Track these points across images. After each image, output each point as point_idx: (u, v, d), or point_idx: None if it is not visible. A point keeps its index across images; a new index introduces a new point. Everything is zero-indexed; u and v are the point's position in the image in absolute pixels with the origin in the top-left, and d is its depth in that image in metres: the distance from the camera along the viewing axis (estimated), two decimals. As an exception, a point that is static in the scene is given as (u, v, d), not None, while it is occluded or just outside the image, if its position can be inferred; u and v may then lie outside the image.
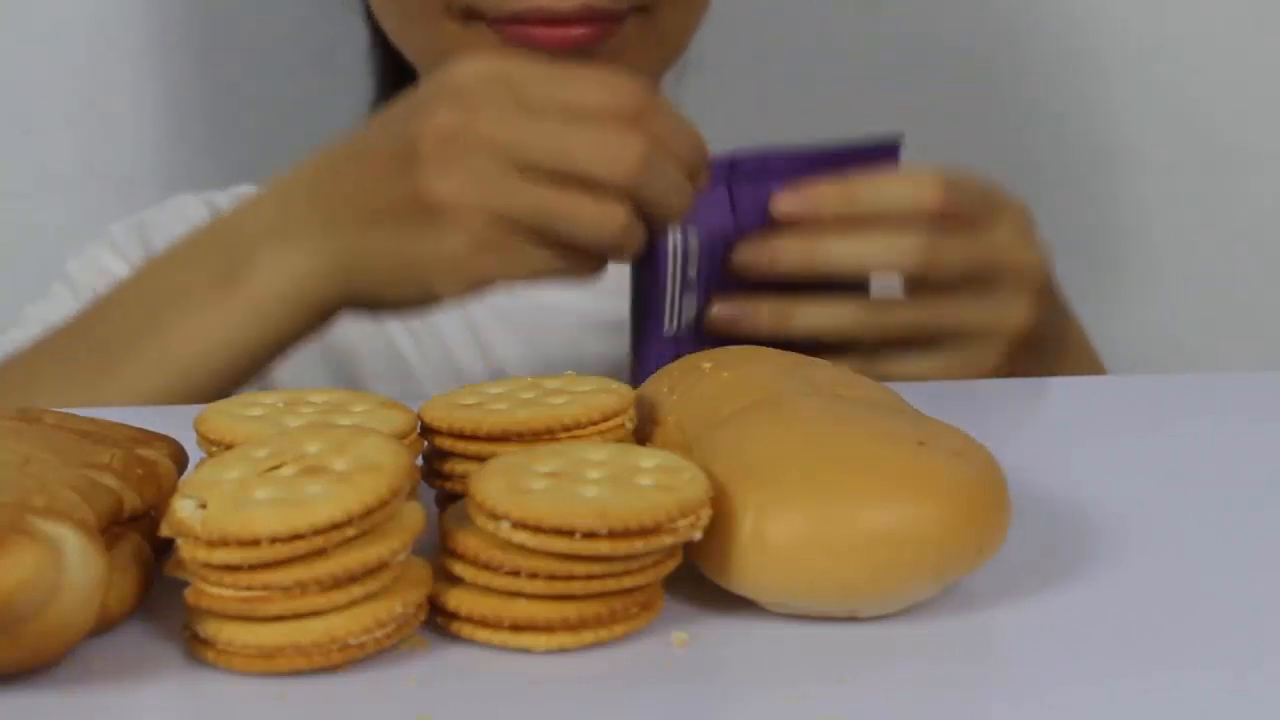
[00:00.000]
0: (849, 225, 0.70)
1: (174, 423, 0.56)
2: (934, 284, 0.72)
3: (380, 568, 0.46)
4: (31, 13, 1.10)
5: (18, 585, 0.43)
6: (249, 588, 0.45)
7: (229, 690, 0.46)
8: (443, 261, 0.66)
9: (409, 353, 0.91)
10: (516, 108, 0.65)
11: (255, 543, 0.45)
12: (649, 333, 0.71)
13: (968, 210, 0.72)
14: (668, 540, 0.47)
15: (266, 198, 0.71)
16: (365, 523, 0.45)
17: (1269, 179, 1.17)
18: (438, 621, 0.48)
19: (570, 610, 0.47)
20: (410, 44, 0.88)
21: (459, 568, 0.48)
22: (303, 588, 0.45)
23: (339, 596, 0.46)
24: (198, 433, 0.53)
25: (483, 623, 0.47)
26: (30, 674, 0.46)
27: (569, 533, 0.46)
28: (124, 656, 0.47)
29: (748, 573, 0.48)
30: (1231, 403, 0.69)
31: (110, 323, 0.72)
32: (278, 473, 0.47)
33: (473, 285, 0.67)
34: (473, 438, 0.52)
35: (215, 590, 0.46)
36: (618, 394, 0.54)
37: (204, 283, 0.69)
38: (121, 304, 0.72)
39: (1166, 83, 1.15)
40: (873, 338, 0.72)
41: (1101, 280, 0.81)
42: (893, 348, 0.73)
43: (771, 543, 0.48)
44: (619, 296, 0.73)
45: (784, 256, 0.70)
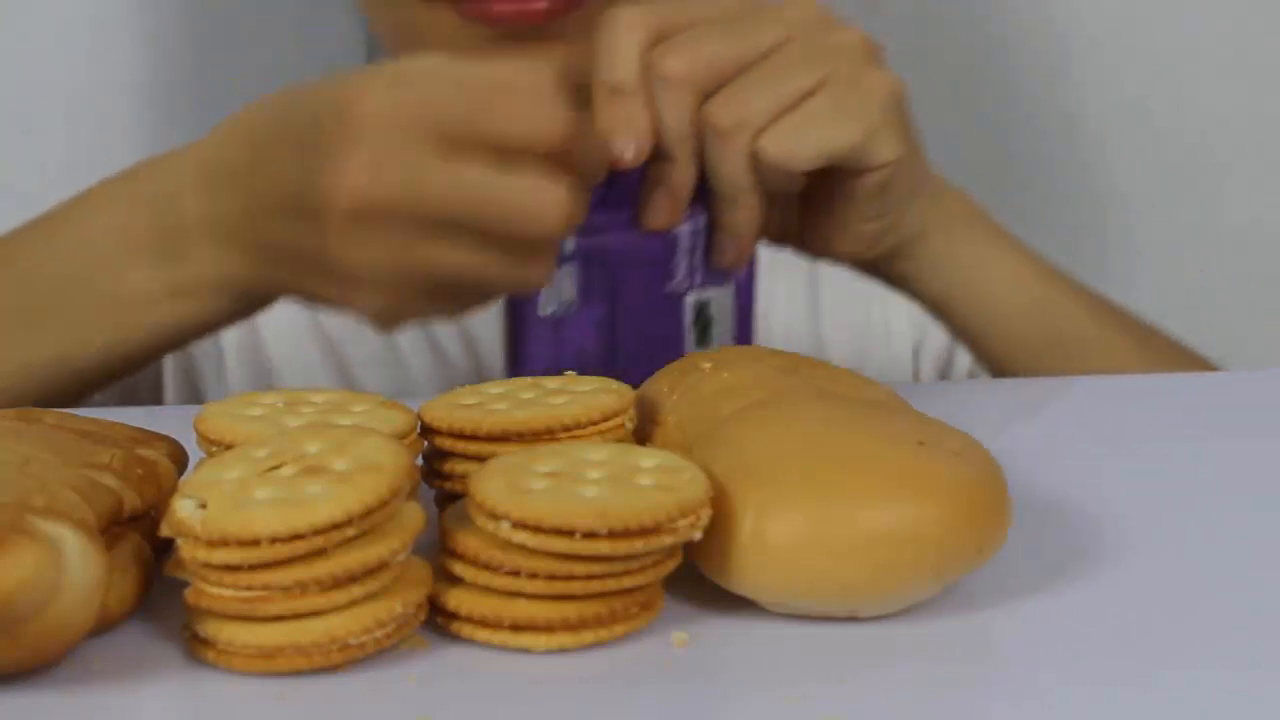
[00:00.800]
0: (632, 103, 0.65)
1: (174, 423, 0.56)
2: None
3: (380, 568, 0.46)
4: (32, 12, 1.10)
5: (18, 585, 0.43)
6: (249, 588, 0.45)
7: (229, 690, 0.46)
8: (356, 311, 0.63)
9: (400, 340, 0.91)
10: (431, 153, 0.59)
11: (255, 543, 0.45)
12: (526, 315, 0.67)
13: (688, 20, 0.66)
14: (668, 540, 0.47)
15: (199, 174, 0.67)
16: (365, 523, 0.45)
17: (1256, 180, 1.17)
18: (438, 621, 0.48)
19: (570, 610, 0.47)
20: (380, 27, 0.87)
21: (459, 568, 0.48)
22: (303, 588, 0.45)
23: (339, 596, 0.46)
24: (198, 433, 0.53)
25: (483, 623, 0.47)
26: (30, 674, 0.46)
27: (569, 533, 0.46)
28: (124, 656, 0.47)
29: (748, 573, 0.48)
30: (1231, 402, 0.70)
31: (38, 279, 0.69)
32: (278, 473, 0.47)
33: (389, 329, 0.65)
34: (473, 438, 0.52)
35: (215, 590, 0.46)
36: (618, 394, 0.54)
37: (141, 262, 0.67)
38: (51, 258, 0.69)
39: (1156, 85, 1.15)
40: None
41: (1087, 280, 0.81)
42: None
43: (771, 543, 0.48)
44: None
45: (674, 184, 0.66)
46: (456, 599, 0.48)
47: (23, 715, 0.45)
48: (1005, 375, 0.78)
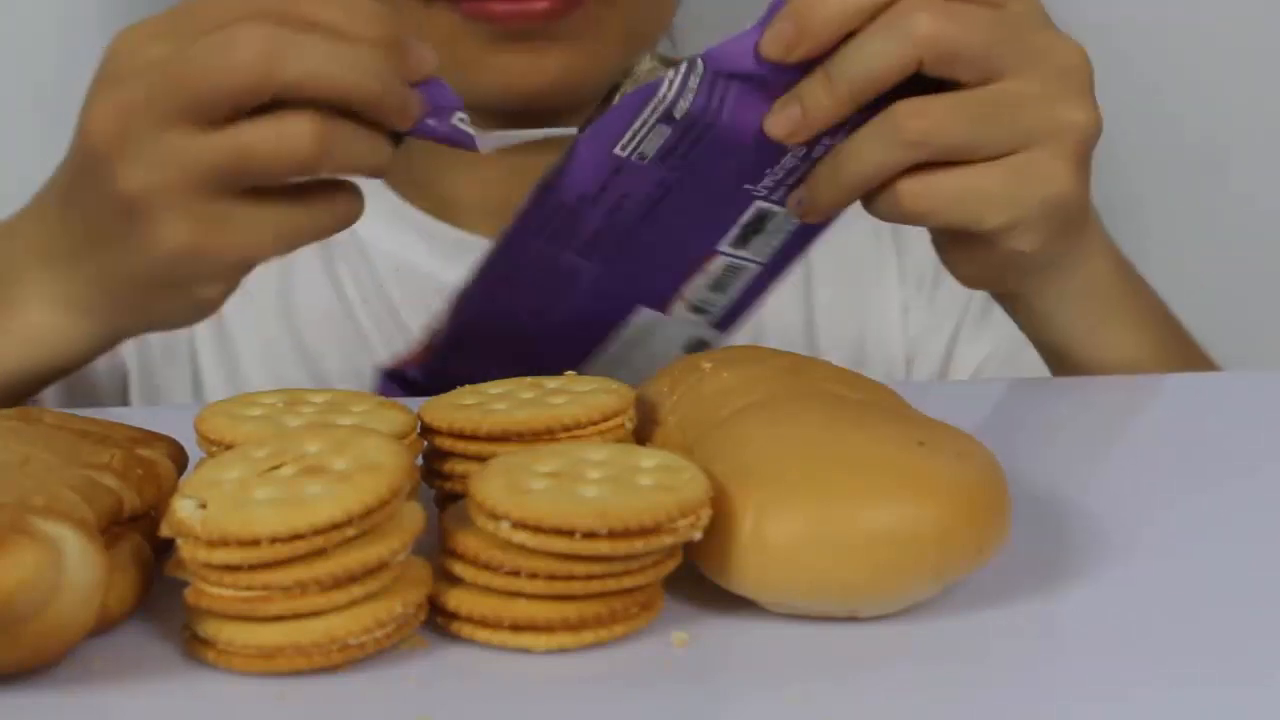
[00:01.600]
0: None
1: (174, 423, 0.56)
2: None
3: (380, 568, 0.46)
4: (31, 12, 1.10)
5: (18, 585, 0.43)
6: (249, 588, 0.45)
7: (229, 690, 0.46)
8: (176, 259, 0.61)
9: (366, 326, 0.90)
10: (165, 58, 0.59)
11: (255, 543, 0.45)
12: (589, 140, 0.63)
13: None
14: (668, 540, 0.47)
15: (32, 210, 0.68)
16: (365, 523, 0.45)
17: (1264, 177, 1.17)
18: (438, 621, 0.48)
19: (570, 610, 0.47)
20: None
21: (459, 568, 0.48)
22: (303, 588, 0.45)
23: (339, 596, 0.46)
24: (198, 433, 0.53)
25: (483, 623, 0.47)
26: (30, 674, 0.46)
27: (569, 533, 0.46)
28: (124, 656, 0.47)
29: (748, 573, 0.48)
30: (1231, 402, 0.70)
31: None
32: (278, 473, 0.47)
33: (226, 271, 0.62)
34: (473, 438, 0.52)
35: (215, 590, 0.46)
36: (618, 394, 0.54)
37: None
38: None
39: (1160, 81, 1.15)
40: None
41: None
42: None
43: (771, 543, 0.48)
44: None
45: (812, 106, 0.62)
46: (456, 599, 0.48)
47: (23, 715, 0.45)
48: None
